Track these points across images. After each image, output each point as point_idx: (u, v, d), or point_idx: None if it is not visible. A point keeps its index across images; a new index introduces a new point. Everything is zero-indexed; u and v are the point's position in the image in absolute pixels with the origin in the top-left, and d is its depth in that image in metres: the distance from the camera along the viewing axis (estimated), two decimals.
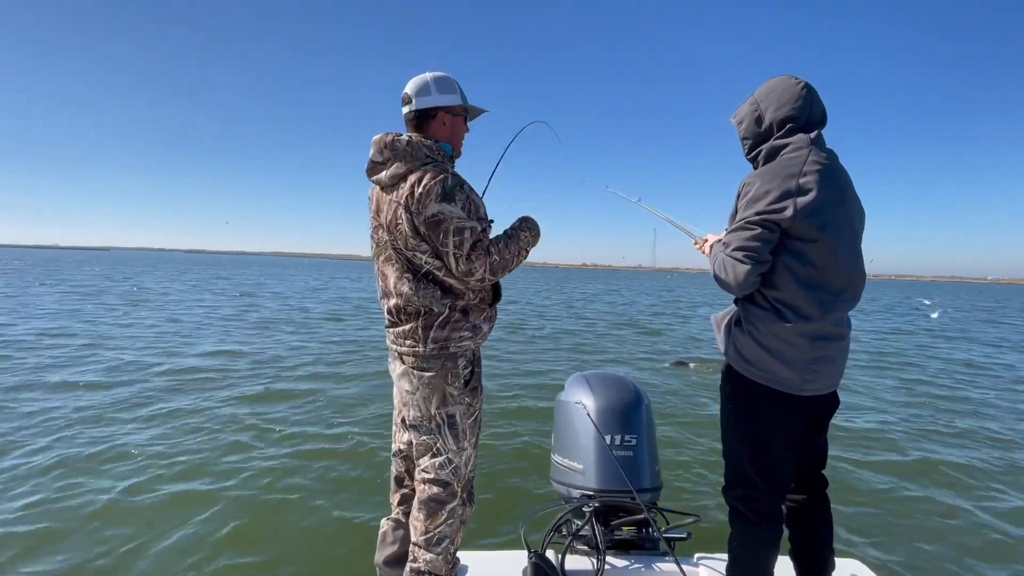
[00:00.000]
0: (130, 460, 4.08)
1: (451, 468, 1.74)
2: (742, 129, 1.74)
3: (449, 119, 1.76)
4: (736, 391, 1.71)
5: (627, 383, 2.43)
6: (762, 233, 1.54)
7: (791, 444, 1.67)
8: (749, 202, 1.57)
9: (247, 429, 4.89)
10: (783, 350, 1.58)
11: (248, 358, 8.20)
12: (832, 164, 1.58)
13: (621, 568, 2.05)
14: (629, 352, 10.45)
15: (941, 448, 5.07)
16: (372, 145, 1.70)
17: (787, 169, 1.54)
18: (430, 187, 1.59)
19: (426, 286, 1.67)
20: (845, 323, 1.65)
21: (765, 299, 1.61)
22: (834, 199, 1.54)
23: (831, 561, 1.79)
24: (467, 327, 1.71)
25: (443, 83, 1.74)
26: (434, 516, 1.73)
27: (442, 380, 1.70)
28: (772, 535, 1.68)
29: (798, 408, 1.63)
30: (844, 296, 1.59)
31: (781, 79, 1.67)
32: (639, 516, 2.12)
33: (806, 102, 1.61)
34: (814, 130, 1.62)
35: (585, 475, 2.21)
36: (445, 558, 1.74)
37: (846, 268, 1.58)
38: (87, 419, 4.99)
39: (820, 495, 1.81)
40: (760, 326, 1.61)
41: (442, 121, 1.75)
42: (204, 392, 6.15)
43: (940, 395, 7.41)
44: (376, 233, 1.76)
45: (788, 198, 1.50)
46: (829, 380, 1.65)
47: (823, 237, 1.52)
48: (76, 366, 7.18)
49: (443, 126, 1.75)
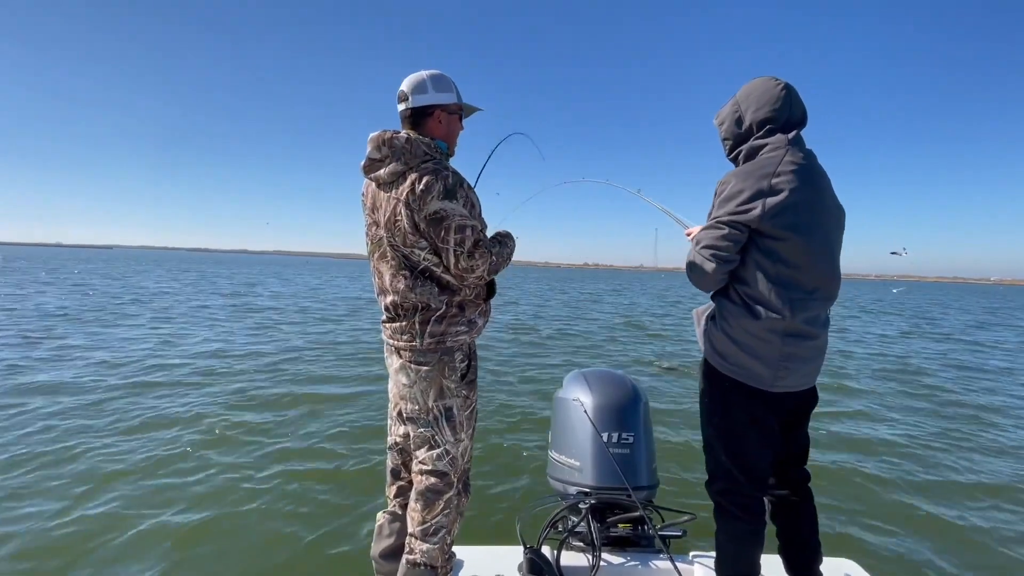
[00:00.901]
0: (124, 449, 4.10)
1: (448, 459, 1.76)
2: (723, 130, 1.77)
3: (445, 117, 1.77)
4: (710, 385, 1.74)
5: (625, 381, 2.44)
6: (730, 233, 1.57)
7: (765, 439, 1.69)
8: (722, 201, 1.60)
9: (239, 427, 4.92)
10: (754, 345, 1.60)
11: (250, 356, 8.23)
12: (809, 164, 1.60)
13: (616, 565, 2.06)
14: (624, 351, 10.46)
15: (939, 448, 5.07)
16: (369, 142, 1.70)
17: (762, 169, 1.57)
18: (432, 184, 1.61)
19: (423, 283, 1.68)
20: (820, 323, 1.66)
21: (737, 294, 1.64)
22: (808, 199, 1.56)
23: (818, 554, 1.80)
24: (463, 322, 1.73)
25: (439, 81, 1.75)
26: (432, 506, 1.75)
27: (439, 374, 1.72)
28: (755, 528, 1.70)
29: (771, 404, 1.65)
30: (816, 295, 1.60)
31: (762, 80, 1.69)
32: (635, 513, 2.12)
33: (785, 103, 1.64)
34: (793, 131, 1.63)
35: (582, 472, 2.22)
36: (441, 548, 1.76)
37: (818, 267, 1.59)
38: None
39: (803, 490, 1.83)
40: (732, 321, 1.64)
41: (438, 119, 1.76)
42: (204, 389, 6.18)
43: (943, 396, 7.41)
44: (371, 230, 1.77)
45: (759, 198, 1.53)
46: (802, 378, 1.67)
47: (794, 236, 1.54)
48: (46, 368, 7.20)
49: (439, 124, 1.76)
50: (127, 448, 4.19)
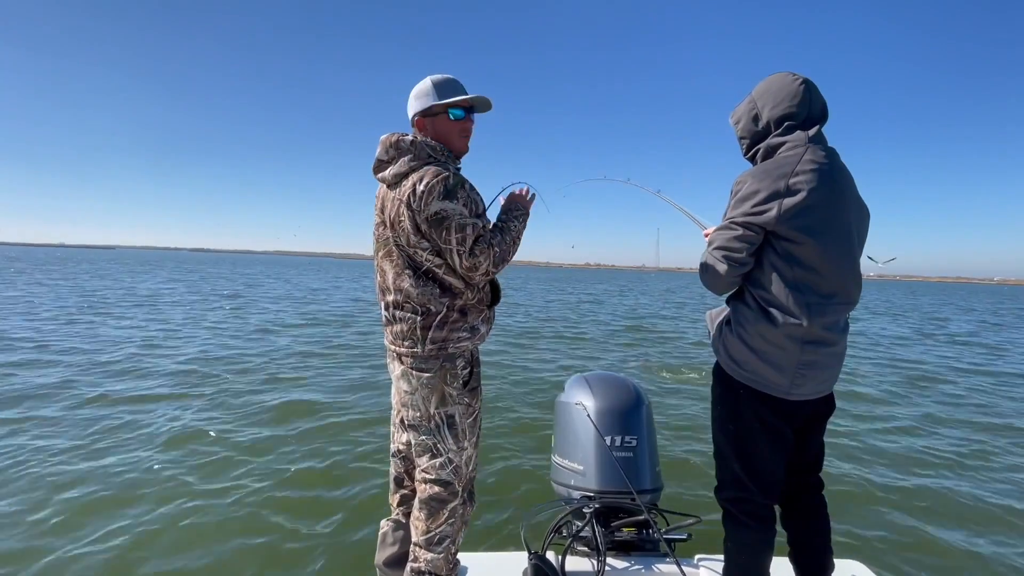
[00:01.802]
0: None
1: (451, 468, 1.75)
2: (739, 128, 1.71)
3: (428, 122, 1.77)
4: (724, 392, 1.70)
5: (627, 384, 2.43)
6: (744, 235, 1.52)
7: (779, 447, 1.64)
8: (737, 201, 1.55)
9: (243, 429, 4.92)
10: (771, 353, 1.55)
11: (254, 356, 8.23)
12: (831, 163, 1.53)
13: (621, 569, 2.05)
14: (623, 353, 10.44)
15: (950, 449, 5.05)
16: (379, 144, 1.75)
17: (780, 169, 1.51)
18: (432, 185, 1.61)
19: (425, 283, 1.68)
20: (839, 328, 1.61)
21: (753, 299, 1.59)
22: (828, 200, 1.50)
23: (830, 563, 1.77)
24: (465, 328, 1.72)
25: (417, 90, 1.78)
26: (435, 515, 1.74)
27: (441, 381, 1.71)
28: (765, 536, 1.66)
29: (785, 412, 1.60)
30: (835, 300, 1.54)
31: (779, 76, 1.63)
32: (639, 517, 2.12)
33: (804, 99, 1.57)
34: (813, 127, 1.56)
35: (585, 476, 2.21)
36: (446, 558, 1.75)
37: (837, 271, 1.53)
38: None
39: (817, 497, 1.79)
40: (748, 327, 1.58)
41: (421, 126, 1.78)
42: (205, 386, 6.18)
43: (944, 393, 7.37)
44: (378, 229, 1.78)
45: (775, 199, 1.47)
46: (820, 385, 1.61)
47: (811, 239, 1.48)
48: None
49: (426, 130, 1.78)
50: (149, 457, 4.21)
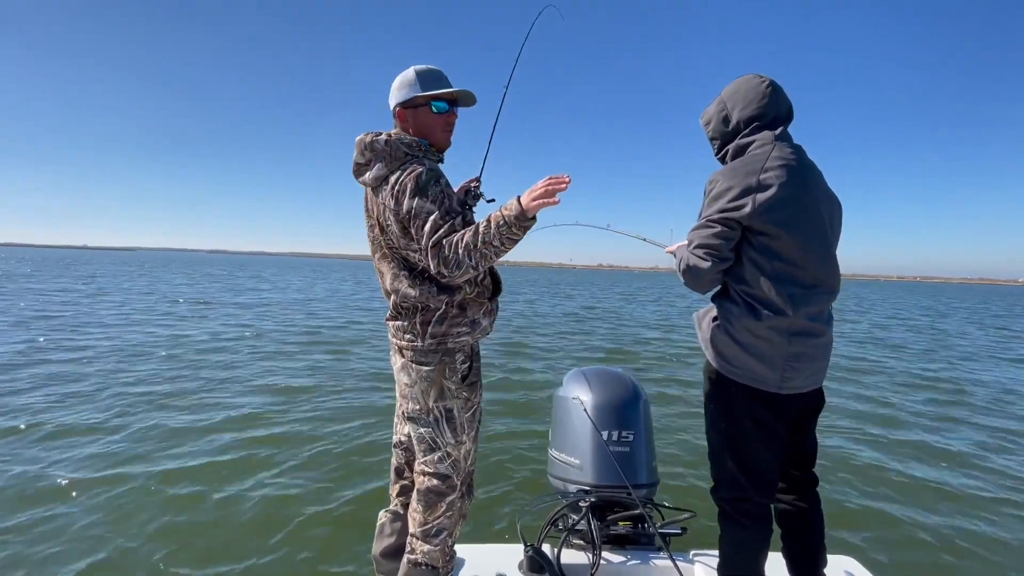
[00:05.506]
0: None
1: (450, 461, 1.76)
2: (710, 129, 1.77)
3: (410, 113, 1.73)
4: (715, 389, 1.71)
5: (625, 379, 2.44)
6: (722, 231, 1.56)
7: (773, 443, 1.65)
8: (711, 199, 1.60)
9: (245, 420, 4.95)
10: (759, 346, 1.58)
11: (261, 342, 8.26)
12: (798, 159, 1.59)
13: (616, 563, 2.07)
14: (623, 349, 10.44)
15: (944, 443, 5.05)
16: (355, 146, 1.70)
17: (750, 166, 1.57)
18: (404, 184, 1.59)
19: (422, 283, 1.68)
20: (824, 319, 1.64)
21: (737, 294, 1.62)
22: (799, 193, 1.56)
23: (823, 559, 1.79)
24: (465, 322, 1.72)
25: (400, 80, 1.73)
26: (433, 508, 1.75)
27: (440, 374, 1.72)
28: (761, 535, 1.67)
29: (778, 406, 1.62)
30: (817, 290, 1.59)
31: (746, 78, 1.70)
32: (635, 511, 2.13)
33: (771, 100, 1.65)
34: (779, 127, 1.64)
35: (582, 470, 2.23)
36: (442, 550, 1.76)
37: (816, 262, 1.58)
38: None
39: (811, 495, 1.80)
40: (735, 322, 1.61)
41: (402, 118, 1.74)
42: (208, 384, 6.21)
43: (945, 388, 7.37)
44: (371, 232, 1.77)
45: (748, 194, 1.53)
46: (809, 378, 1.64)
47: (786, 231, 1.53)
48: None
49: (406, 122, 1.74)
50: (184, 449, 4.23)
